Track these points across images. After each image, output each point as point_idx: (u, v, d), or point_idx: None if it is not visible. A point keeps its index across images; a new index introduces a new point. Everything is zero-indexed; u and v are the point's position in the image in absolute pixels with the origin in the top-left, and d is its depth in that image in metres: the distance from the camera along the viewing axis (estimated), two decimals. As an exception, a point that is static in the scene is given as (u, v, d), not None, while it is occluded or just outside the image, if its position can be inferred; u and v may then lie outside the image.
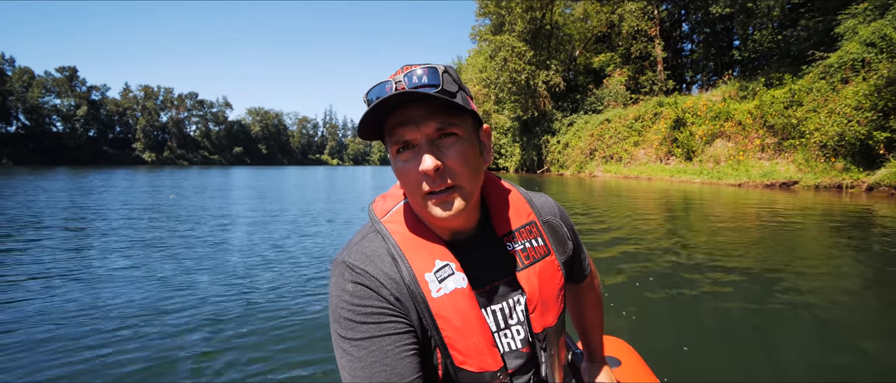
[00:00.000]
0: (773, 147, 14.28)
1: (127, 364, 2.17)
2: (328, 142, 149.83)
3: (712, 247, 4.81)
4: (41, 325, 2.68)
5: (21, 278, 3.71)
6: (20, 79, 74.33)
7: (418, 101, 0.60)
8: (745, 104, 16.12)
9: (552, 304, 0.71)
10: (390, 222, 0.69)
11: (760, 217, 6.99)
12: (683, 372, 2.02)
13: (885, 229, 5.60)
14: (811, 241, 5.17)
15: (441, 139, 0.61)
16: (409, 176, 0.62)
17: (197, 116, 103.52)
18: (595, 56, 31.12)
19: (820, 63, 13.37)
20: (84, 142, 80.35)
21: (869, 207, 7.73)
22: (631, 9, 26.90)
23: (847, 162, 10.82)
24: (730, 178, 14.35)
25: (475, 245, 0.70)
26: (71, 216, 7.80)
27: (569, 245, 0.78)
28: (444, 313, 0.62)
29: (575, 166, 25.00)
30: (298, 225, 6.99)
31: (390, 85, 0.62)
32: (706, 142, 17.21)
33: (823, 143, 11.49)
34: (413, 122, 0.60)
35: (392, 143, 0.62)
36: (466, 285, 0.64)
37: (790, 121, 13.33)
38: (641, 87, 27.28)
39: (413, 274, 0.63)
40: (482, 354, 0.63)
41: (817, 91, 12.85)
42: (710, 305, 2.97)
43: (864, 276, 3.63)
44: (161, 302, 3.09)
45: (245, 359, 2.23)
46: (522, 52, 27.18)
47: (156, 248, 5.00)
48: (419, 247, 0.65)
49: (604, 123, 24.26)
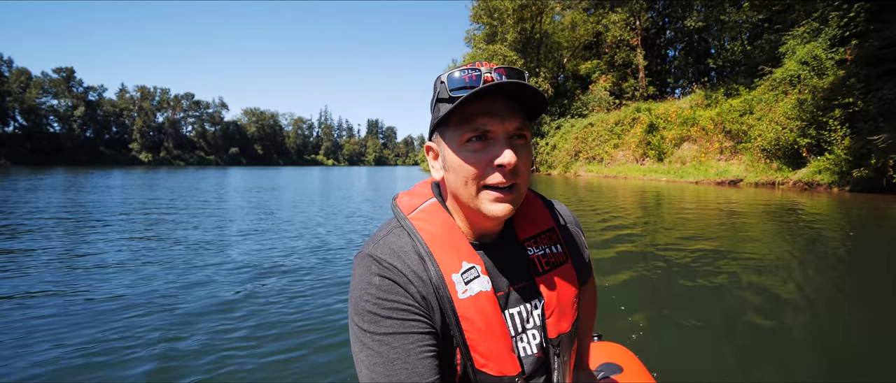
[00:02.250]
0: (730, 150, 16.37)
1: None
2: (323, 143, 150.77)
3: (685, 239, 5.33)
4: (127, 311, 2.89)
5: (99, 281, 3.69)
6: (18, 79, 74.76)
7: (505, 95, 0.61)
8: (709, 111, 18.21)
9: (568, 311, 0.71)
10: (418, 220, 0.68)
11: (720, 209, 8.33)
12: (686, 377, 2.02)
13: (809, 216, 7.18)
14: (761, 230, 6.07)
15: (516, 139, 0.63)
16: (476, 164, 0.61)
17: (193, 117, 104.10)
18: (583, 63, 33.18)
19: (768, 77, 15.47)
20: (81, 143, 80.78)
21: (795, 200, 9.53)
22: (614, 20, 29.08)
23: (780, 162, 12.91)
24: (691, 177, 16.44)
25: (498, 248, 0.70)
26: (147, 217, 8.64)
27: (586, 253, 0.80)
28: (469, 315, 0.62)
29: (562, 166, 27.05)
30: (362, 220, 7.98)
31: (485, 73, 0.61)
32: (675, 144, 19.30)
33: (763, 147, 13.57)
34: (499, 115, 0.61)
35: (467, 130, 0.61)
36: (490, 288, 0.64)
37: (743, 127, 15.43)
38: (624, 93, 29.42)
39: (441, 274, 0.62)
40: (502, 358, 0.63)
41: (764, 102, 14.95)
42: (696, 301, 3.13)
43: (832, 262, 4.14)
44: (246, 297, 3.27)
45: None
46: (513, 60, 29.19)
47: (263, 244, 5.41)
48: (446, 247, 0.65)
49: (588, 127, 26.32)
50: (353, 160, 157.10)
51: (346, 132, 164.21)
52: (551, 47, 32.68)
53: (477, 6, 32.12)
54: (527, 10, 29.57)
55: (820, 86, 12.19)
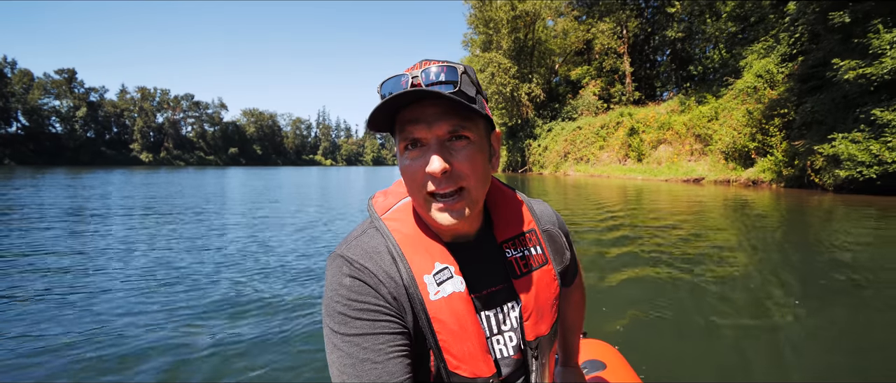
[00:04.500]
0: (699, 151, 18.40)
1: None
2: (321, 143, 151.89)
3: (660, 231, 5.80)
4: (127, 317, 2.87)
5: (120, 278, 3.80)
6: (21, 81, 75.64)
7: (433, 100, 0.58)
8: (682, 117, 20.24)
9: (546, 313, 0.70)
10: (391, 220, 0.67)
11: (690, 203, 9.62)
12: (669, 374, 2.08)
13: (755, 208, 8.35)
14: (723, 222, 6.87)
15: (452, 141, 0.60)
16: (414, 174, 0.61)
17: (193, 117, 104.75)
18: (574, 68, 35.23)
19: (732, 87, 17.49)
20: (83, 143, 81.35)
21: (745, 195, 11.38)
22: (603, 29, 31.11)
23: (735, 163, 14.94)
24: (663, 176, 18.47)
25: (474, 249, 0.69)
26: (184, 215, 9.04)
27: (567, 255, 0.79)
28: (441, 316, 0.61)
29: (552, 166, 29.06)
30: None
31: (406, 79, 0.60)
32: (653, 147, 21.33)
33: (722, 150, 15.59)
34: (425, 121, 0.59)
35: (401, 139, 0.61)
36: (464, 289, 0.64)
37: (708, 132, 17.45)
38: (611, 98, 31.45)
39: (412, 274, 0.62)
40: (476, 360, 0.63)
41: (727, 109, 16.97)
42: (681, 297, 3.26)
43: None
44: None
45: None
46: (507, 67, 31.20)
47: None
48: (419, 248, 0.64)
49: (576, 130, 28.38)
50: (350, 160, 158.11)
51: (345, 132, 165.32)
52: (544, 54, 34.68)
53: (473, 15, 34.13)
54: (520, 20, 31.58)
55: (770, 97, 14.20)
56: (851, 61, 8.89)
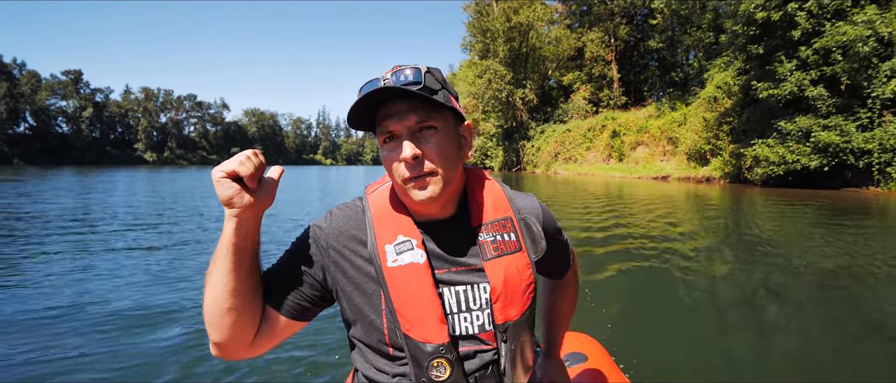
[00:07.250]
0: (670, 153, 20.94)
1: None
2: (322, 143, 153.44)
3: (636, 223, 6.23)
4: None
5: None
6: (28, 82, 77.21)
7: (403, 97, 0.68)
8: (657, 121, 22.78)
9: (517, 299, 0.73)
10: (372, 198, 0.78)
11: (659, 196, 11.33)
12: (649, 365, 2.14)
13: (707, 198, 10.50)
14: (686, 212, 8.64)
15: (421, 131, 0.68)
16: (392, 163, 0.69)
17: (195, 117, 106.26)
18: (567, 73, 37.71)
19: (698, 95, 20.02)
20: (89, 143, 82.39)
21: (701, 189, 13.67)
22: (592, 37, 33.63)
23: (695, 162, 17.50)
24: (638, 173, 21.01)
25: (447, 229, 0.75)
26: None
27: (541, 244, 0.79)
28: (396, 282, 0.69)
29: (544, 165, 31.63)
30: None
31: (379, 81, 0.68)
32: (632, 148, 23.87)
33: (686, 151, 18.15)
34: (396, 116, 0.68)
35: (380, 134, 0.70)
36: (424, 261, 0.70)
37: (677, 135, 19.99)
38: (600, 102, 33.98)
39: (375, 242, 0.71)
40: (428, 325, 0.68)
41: (694, 115, 19.51)
42: (670, 292, 3.42)
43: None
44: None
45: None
46: (503, 74, 33.71)
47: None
48: (388, 221, 0.73)
49: (566, 132, 30.93)
50: (350, 159, 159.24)
51: (344, 132, 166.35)
52: (538, 60, 37.15)
53: (470, 23, 36.59)
54: (515, 31, 34.09)
55: (726, 106, 16.75)
56: (765, 83, 11.46)
